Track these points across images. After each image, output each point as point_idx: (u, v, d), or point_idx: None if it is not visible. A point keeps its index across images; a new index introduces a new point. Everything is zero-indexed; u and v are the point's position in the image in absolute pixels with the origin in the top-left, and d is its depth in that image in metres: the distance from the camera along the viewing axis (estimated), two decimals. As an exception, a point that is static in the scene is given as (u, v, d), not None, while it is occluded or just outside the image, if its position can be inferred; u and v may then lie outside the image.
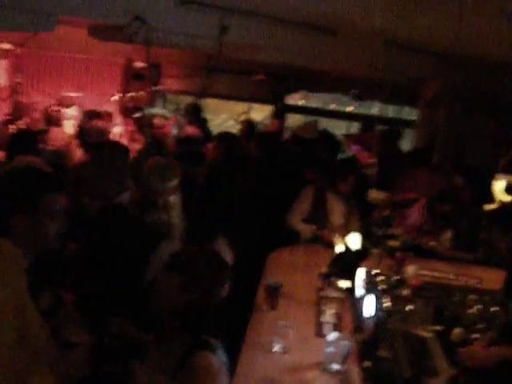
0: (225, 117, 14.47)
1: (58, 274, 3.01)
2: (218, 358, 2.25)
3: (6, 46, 8.33)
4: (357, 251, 4.23)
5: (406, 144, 8.78)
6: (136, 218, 3.38)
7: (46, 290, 2.47)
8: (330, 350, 2.98)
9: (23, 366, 2.06)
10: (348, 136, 7.67)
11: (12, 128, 7.07)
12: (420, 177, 5.97)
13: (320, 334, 3.38)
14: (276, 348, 3.15)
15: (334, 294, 3.83)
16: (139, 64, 8.79)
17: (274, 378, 2.88)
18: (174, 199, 3.46)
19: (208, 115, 9.09)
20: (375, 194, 5.59)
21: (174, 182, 3.48)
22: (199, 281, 2.34)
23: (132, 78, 9.22)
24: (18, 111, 7.72)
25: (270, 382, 2.83)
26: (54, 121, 7.16)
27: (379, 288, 3.49)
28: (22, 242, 2.12)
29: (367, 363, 3.03)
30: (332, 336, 3.03)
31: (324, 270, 4.25)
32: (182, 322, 2.32)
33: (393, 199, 5.55)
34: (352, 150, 6.22)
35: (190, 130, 6.65)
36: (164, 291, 2.36)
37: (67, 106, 8.34)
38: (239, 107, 12.36)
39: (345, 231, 4.70)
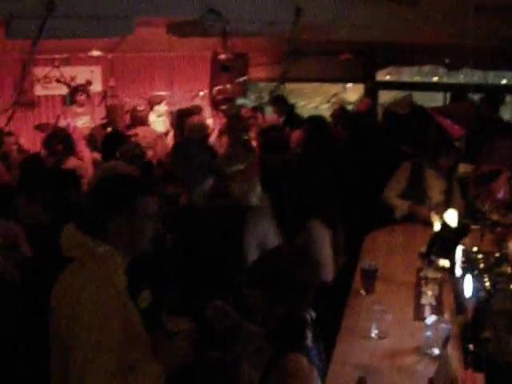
0: (320, 99, 14.35)
1: (155, 273, 3.07)
2: (310, 361, 2.18)
3: (97, 52, 8.62)
4: (456, 228, 4.02)
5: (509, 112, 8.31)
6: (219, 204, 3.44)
7: (144, 290, 2.54)
8: (429, 333, 2.86)
9: (132, 358, 2.16)
10: (435, 108, 7.28)
11: (108, 131, 7.35)
12: (505, 147, 5.57)
13: (419, 318, 3.25)
14: (373, 334, 3.06)
15: (434, 275, 3.68)
16: (225, 56, 8.83)
17: (371, 365, 2.81)
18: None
19: (302, 99, 9.05)
20: (464, 168, 5.30)
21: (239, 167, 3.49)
22: (284, 293, 2.28)
23: (219, 70, 9.27)
24: (112, 114, 7.99)
25: (367, 369, 2.75)
26: (140, 120, 7.34)
27: (480, 266, 3.29)
28: (119, 245, 2.19)
29: (470, 346, 2.88)
30: (431, 319, 2.91)
31: (423, 249, 4.08)
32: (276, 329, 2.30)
33: (477, 172, 5.21)
34: (441, 122, 5.91)
35: (270, 118, 6.60)
36: (253, 305, 2.34)
37: (156, 105, 8.56)
38: (334, 89, 12.18)
39: (444, 208, 4.48)
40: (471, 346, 2.86)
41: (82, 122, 8.38)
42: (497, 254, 3.38)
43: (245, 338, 2.51)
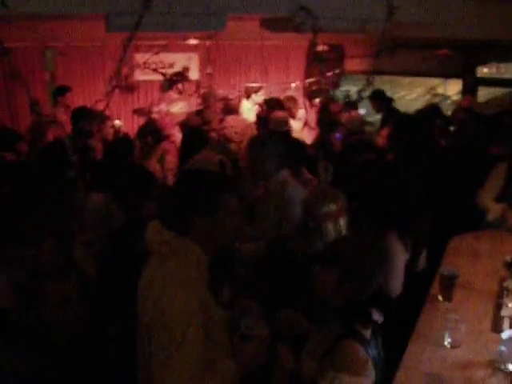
0: (419, 90, 13.96)
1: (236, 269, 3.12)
2: (367, 350, 2.25)
3: (194, 41, 8.79)
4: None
5: None
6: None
7: (226, 285, 2.60)
8: (504, 348, 2.75)
9: (210, 354, 2.21)
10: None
11: (200, 118, 7.51)
12: None
13: (497, 330, 3.12)
14: (446, 342, 2.99)
15: (517, 286, 3.52)
16: (321, 47, 8.80)
17: (441, 374, 2.74)
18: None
19: (401, 89, 8.84)
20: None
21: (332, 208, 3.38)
22: (355, 273, 2.36)
23: (314, 60, 9.24)
24: (205, 102, 8.15)
25: (436, 378, 2.69)
26: (232, 109, 7.42)
27: None
28: (201, 241, 2.24)
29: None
30: (507, 333, 2.80)
31: (508, 258, 3.91)
32: (337, 311, 2.38)
33: None
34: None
35: (354, 114, 6.46)
36: (321, 285, 2.43)
37: (254, 93, 8.64)
38: (434, 80, 11.82)
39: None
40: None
41: (178, 107, 8.59)
42: None
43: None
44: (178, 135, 7.35)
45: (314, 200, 3.40)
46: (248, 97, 8.65)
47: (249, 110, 8.39)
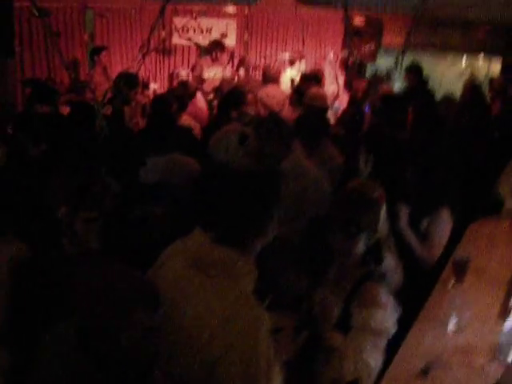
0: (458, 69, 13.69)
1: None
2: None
3: (232, 8, 8.78)
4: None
5: None
6: None
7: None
8: (504, 339, 2.80)
9: None
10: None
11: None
12: None
13: (504, 318, 3.16)
14: (450, 326, 3.05)
15: (529, 276, 3.56)
16: (359, 20, 8.72)
17: (441, 358, 2.81)
18: None
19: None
20: None
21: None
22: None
23: (351, 33, 9.16)
24: (245, 69, 8.16)
25: (435, 361, 2.77)
26: (272, 78, 7.41)
27: None
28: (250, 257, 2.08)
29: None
30: (508, 325, 2.85)
31: (525, 246, 3.94)
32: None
33: None
34: None
35: (385, 88, 6.35)
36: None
37: (290, 64, 8.61)
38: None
39: None
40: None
41: (214, 73, 8.62)
42: None
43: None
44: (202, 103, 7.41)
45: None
46: (291, 64, 8.57)
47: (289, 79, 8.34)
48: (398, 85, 8.33)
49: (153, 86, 8.06)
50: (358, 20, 8.71)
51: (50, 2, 7.94)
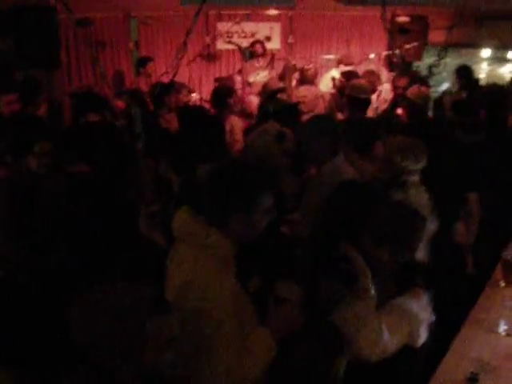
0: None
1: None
2: None
3: (274, 11, 8.76)
4: None
5: None
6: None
7: (255, 275, 2.58)
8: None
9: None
10: None
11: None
12: None
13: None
14: (501, 329, 2.94)
15: None
16: (403, 18, 8.56)
17: (490, 363, 2.70)
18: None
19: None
20: None
21: (422, 164, 3.44)
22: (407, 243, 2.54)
23: (397, 32, 9.00)
24: (285, 70, 8.12)
25: (484, 366, 2.66)
26: (308, 79, 7.33)
27: None
28: (231, 234, 2.22)
29: None
30: None
31: None
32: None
33: None
34: None
35: (422, 89, 6.17)
36: (378, 260, 2.54)
37: (337, 64, 8.52)
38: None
39: None
40: None
41: (260, 76, 8.60)
42: None
43: None
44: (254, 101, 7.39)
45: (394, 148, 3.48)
46: (338, 65, 8.51)
47: (324, 82, 8.29)
48: (443, 83, 8.16)
49: (194, 95, 8.05)
50: (403, 18, 8.54)
51: (94, 12, 8.09)
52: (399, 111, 6.03)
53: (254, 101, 7.48)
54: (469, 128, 4.59)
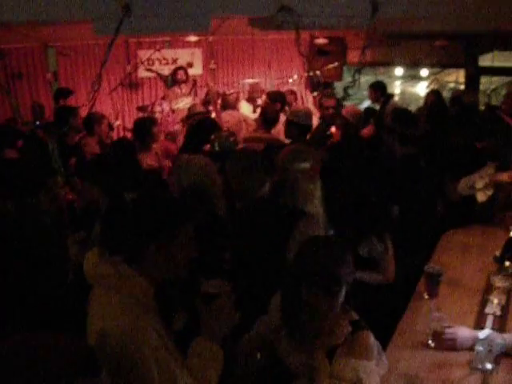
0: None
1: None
2: None
3: (194, 38, 8.80)
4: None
5: None
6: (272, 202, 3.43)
7: (179, 311, 2.44)
8: (481, 348, 2.75)
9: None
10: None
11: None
12: None
13: (480, 328, 3.12)
14: (430, 341, 2.98)
15: (503, 282, 3.52)
16: (322, 40, 8.78)
17: (419, 375, 2.74)
18: (308, 186, 3.44)
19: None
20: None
21: (305, 165, 3.45)
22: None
23: (316, 53, 9.23)
24: (211, 96, 8.15)
25: (413, 379, 2.70)
26: (229, 105, 7.40)
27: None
28: (150, 270, 2.12)
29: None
30: (484, 333, 2.80)
31: (497, 253, 3.90)
32: None
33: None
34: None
35: (348, 109, 6.38)
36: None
37: (253, 97, 8.65)
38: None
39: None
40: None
41: (184, 103, 8.60)
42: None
43: None
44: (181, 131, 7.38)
45: (289, 157, 3.47)
46: (248, 100, 8.66)
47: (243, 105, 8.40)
48: (364, 100, 8.42)
49: (117, 123, 7.98)
50: (321, 39, 8.76)
51: (10, 44, 7.91)
52: (332, 130, 6.16)
53: (177, 128, 7.48)
54: (405, 139, 4.70)
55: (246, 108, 8.35)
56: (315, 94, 8.55)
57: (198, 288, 2.41)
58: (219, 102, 7.68)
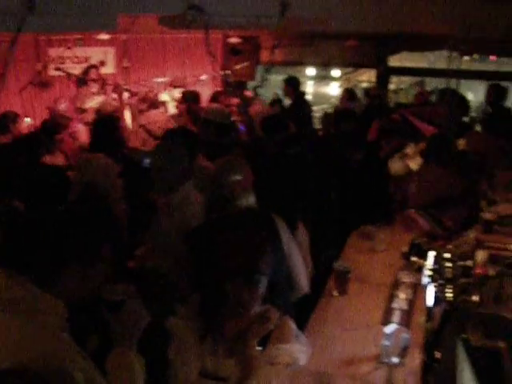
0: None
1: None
2: None
3: (105, 36, 8.60)
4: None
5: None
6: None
7: (93, 333, 2.32)
8: (388, 343, 2.83)
9: None
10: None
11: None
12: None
13: (387, 322, 3.21)
14: (336, 338, 3.05)
15: (409, 278, 3.64)
16: (235, 39, 8.80)
17: (327, 372, 2.79)
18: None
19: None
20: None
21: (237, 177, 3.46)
22: None
23: (229, 53, 9.24)
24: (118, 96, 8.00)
25: (320, 377, 2.74)
26: (152, 103, 7.30)
27: (447, 276, 3.18)
28: (68, 292, 1.99)
29: (437, 354, 2.84)
30: (390, 328, 2.88)
31: (405, 249, 4.03)
32: None
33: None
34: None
35: (256, 108, 6.44)
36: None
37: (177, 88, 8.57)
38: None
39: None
40: (438, 354, 2.84)
41: (96, 101, 8.38)
42: (461, 264, 3.27)
43: None
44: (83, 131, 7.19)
45: (223, 170, 3.48)
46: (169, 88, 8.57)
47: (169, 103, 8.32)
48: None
49: (28, 120, 7.67)
50: (235, 39, 8.78)
51: None
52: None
53: (81, 129, 7.26)
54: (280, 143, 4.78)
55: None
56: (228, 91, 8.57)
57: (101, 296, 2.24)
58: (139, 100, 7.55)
